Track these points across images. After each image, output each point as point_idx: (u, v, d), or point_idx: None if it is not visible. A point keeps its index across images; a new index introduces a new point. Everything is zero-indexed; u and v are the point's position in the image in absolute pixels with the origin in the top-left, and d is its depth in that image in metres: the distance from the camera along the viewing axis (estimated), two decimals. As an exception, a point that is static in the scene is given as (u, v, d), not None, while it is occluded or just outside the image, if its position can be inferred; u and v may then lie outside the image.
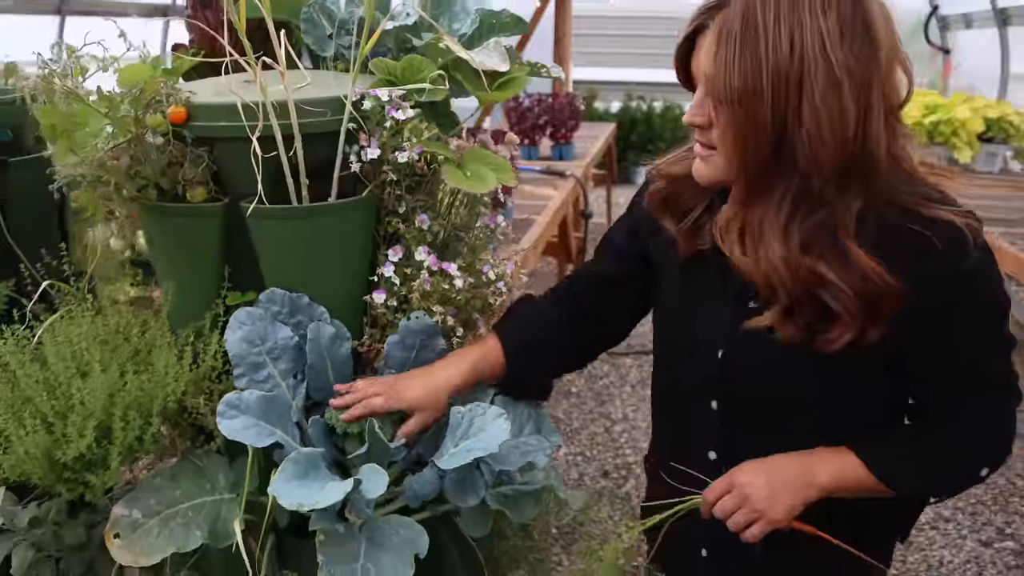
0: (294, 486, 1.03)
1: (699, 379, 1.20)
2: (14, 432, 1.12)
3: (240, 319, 1.19)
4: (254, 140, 1.09)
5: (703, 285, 1.19)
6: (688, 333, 1.22)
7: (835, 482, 1.12)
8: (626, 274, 1.33)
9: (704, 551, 1.28)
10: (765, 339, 1.09)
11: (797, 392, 1.13)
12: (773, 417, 1.16)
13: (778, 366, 1.12)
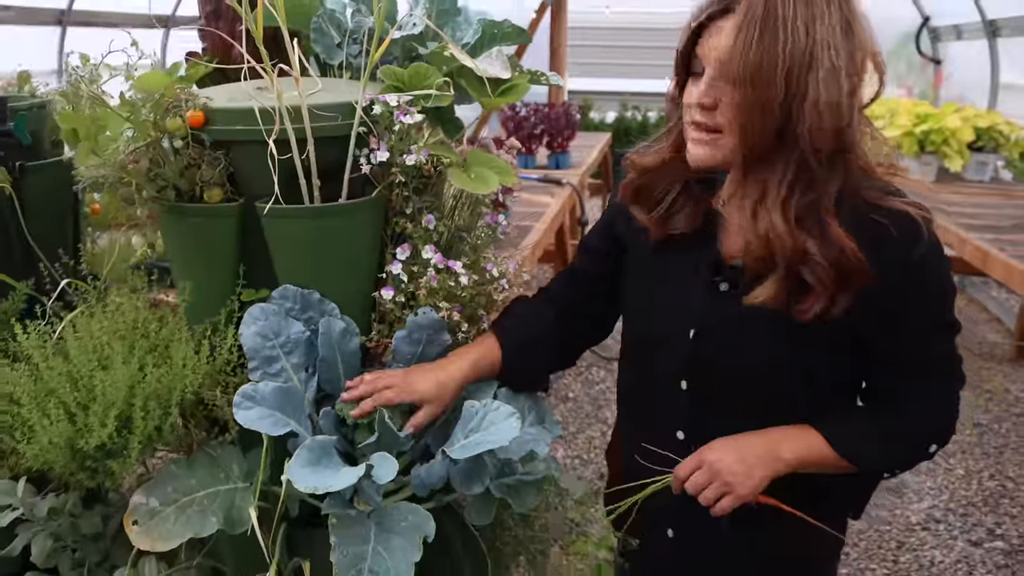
0: (308, 472, 1.08)
1: (670, 360, 1.25)
2: (38, 422, 1.17)
3: (255, 314, 1.24)
4: (270, 143, 1.14)
5: (674, 269, 1.25)
6: (659, 316, 1.27)
7: (799, 458, 1.18)
8: (606, 271, 1.39)
9: (670, 531, 1.33)
10: (736, 319, 1.17)
11: (766, 370, 1.19)
12: (741, 395, 1.22)
13: (748, 345, 1.19)
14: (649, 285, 1.30)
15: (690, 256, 1.23)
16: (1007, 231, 3.59)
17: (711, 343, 1.22)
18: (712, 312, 1.21)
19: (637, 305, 1.33)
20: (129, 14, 6.27)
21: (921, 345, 1.19)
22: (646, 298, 1.30)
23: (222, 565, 1.40)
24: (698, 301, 1.22)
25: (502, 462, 1.34)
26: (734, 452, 1.18)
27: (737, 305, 1.17)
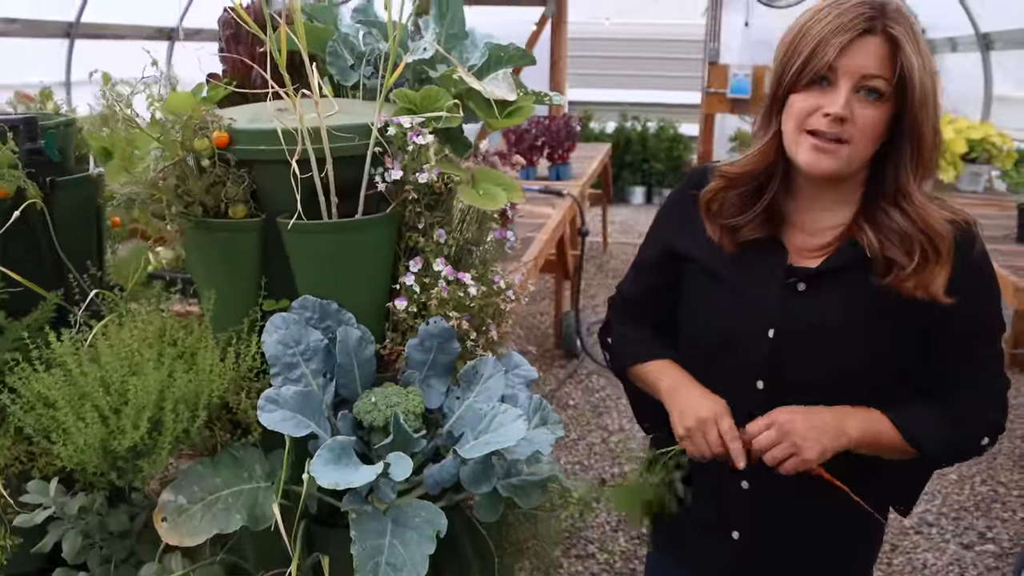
0: (330, 469, 1.16)
1: (747, 360, 1.32)
2: (74, 425, 1.25)
3: (276, 323, 1.32)
4: (293, 163, 1.22)
5: (748, 274, 1.33)
6: (736, 319, 1.34)
7: (864, 435, 1.26)
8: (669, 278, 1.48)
9: (736, 533, 1.40)
10: (814, 316, 1.26)
11: (841, 367, 1.28)
12: (817, 394, 1.29)
13: (827, 340, 1.27)
14: (723, 290, 1.37)
15: (762, 260, 1.32)
16: (999, 241, 3.68)
17: (791, 342, 1.29)
18: (791, 312, 1.29)
19: (710, 310, 1.40)
20: (135, 26, 6.37)
21: (974, 342, 1.30)
22: (720, 303, 1.37)
23: (243, 561, 1.47)
24: (775, 303, 1.30)
25: (508, 463, 1.41)
26: (804, 418, 1.25)
27: (814, 304, 1.27)
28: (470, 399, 1.38)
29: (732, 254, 1.35)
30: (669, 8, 9.15)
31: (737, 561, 1.42)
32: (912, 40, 1.20)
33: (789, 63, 1.25)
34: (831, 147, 1.23)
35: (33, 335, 1.45)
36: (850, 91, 1.21)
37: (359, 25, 1.60)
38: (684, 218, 1.44)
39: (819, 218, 1.34)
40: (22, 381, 1.35)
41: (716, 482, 1.39)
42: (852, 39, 1.20)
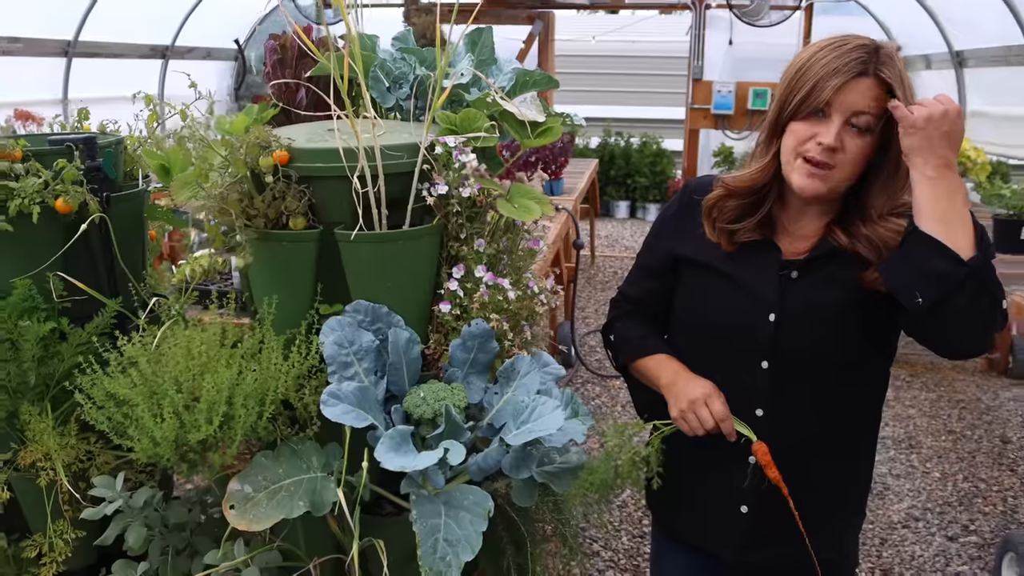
0: (393, 455, 1.28)
1: (752, 344, 1.46)
2: (150, 420, 1.36)
3: (332, 326, 1.44)
4: (353, 179, 1.35)
5: (747, 270, 1.48)
6: (738, 307, 1.48)
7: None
8: (668, 282, 1.62)
9: (744, 507, 1.53)
10: (808, 300, 1.43)
11: (832, 341, 1.44)
12: (813, 363, 1.44)
13: (819, 320, 1.44)
14: (726, 285, 1.51)
15: (759, 258, 1.48)
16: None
17: (789, 324, 1.45)
18: (787, 298, 1.45)
19: (714, 303, 1.53)
20: (131, 45, 6.46)
21: None
22: (725, 295, 1.51)
23: (296, 548, 1.58)
24: (773, 291, 1.45)
25: (541, 452, 1.54)
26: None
27: (807, 289, 1.44)
28: (509, 393, 1.50)
29: (730, 254, 1.50)
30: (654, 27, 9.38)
31: (748, 534, 1.55)
32: (900, 83, 1.34)
33: (790, 96, 1.40)
34: (821, 172, 1.39)
35: (99, 340, 1.56)
36: (842, 124, 1.36)
37: (396, 52, 1.73)
38: (684, 224, 1.58)
39: (804, 225, 1.51)
40: (92, 382, 1.46)
41: (722, 462, 1.51)
42: (847, 80, 1.35)
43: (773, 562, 1.55)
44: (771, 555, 1.54)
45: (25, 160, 1.59)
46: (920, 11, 6.29)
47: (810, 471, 1.49)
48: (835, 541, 1.57)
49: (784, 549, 1.52)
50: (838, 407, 1.49)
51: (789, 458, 1.46)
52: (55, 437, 1.57)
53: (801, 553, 1.50)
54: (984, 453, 4.08)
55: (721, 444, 1.48)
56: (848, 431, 1.52)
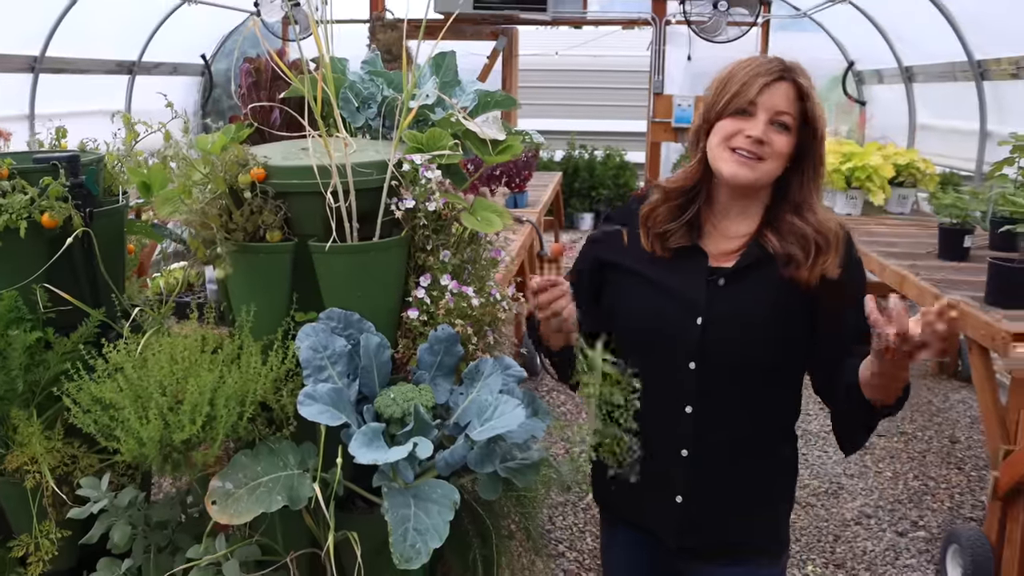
0: (365, 449, 1.38)
1: (681, 346, 1.57)
2: (136, 422, 1.45)
3: (307, 332, 1.54)
4: (327, 194, 1.45)
5: (675, 276, 1.59)
6: (668, 312, 1.59)
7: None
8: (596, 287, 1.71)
9: (679, 498, 1.64)
10: (733, 304, 1.55)
11: (759, 343, 1.55)
12: (738, 367, 1.56)
13: (743, 326, 1.55)
14: (656, 290, 1.61)
15: (688, 264, 1.59)
16: (923, 257, 4.02)
17: (715, 328, 1.56)
18: (714, 303, 1.56)
19: (643, 307, 1.63)
20: (98, 60, 6.49)
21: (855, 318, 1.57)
22: (656, 300, 1.62)
23: (274, 543, 1.67)
24: (701, 297, 1.56)
25: (504, 449, 1.64)
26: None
27: (732, 295, 1.55)
28: (474, 393, 1.61)
29: (658, 261, 1.62)
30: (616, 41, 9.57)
31: (684, 521, 1.66)
32: (813, 91, 1.54)
33: (719, 97, 1.55)
34: (750, 162, 1.53)
35: (84, 348, 1.64)
36: (766, 122, 1.51)
37: (364, 74, 1.83)
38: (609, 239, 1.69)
39: (729, 227, 1.63)
40: (79, 387, 1.54)
41: (658, 457, 1.62)
42: (770, 82, 1.52)
43: (709, 546, 1.67)
44: (706, 540, 1.66)
45: (11, 178, 1.68)
46: (872, 29, 6.52)
47: (740, 465, 1.61)
48: (766, 527, 1.69)
49: (718, 535, 1.64)
50: (766, 406, 1.61)
51: (719, 453, 1.58)
52: (41, 441, 1.64)
53: (734, 538, 1.63)
54: (934, 453, 4.25)
55: (654, 444, 1.59)
56: (775, 427, 1.63)
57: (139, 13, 6.65)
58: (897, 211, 5.30)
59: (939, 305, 1.28)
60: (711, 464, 1.61)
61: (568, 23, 8.47)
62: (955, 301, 1.30)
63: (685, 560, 1.70)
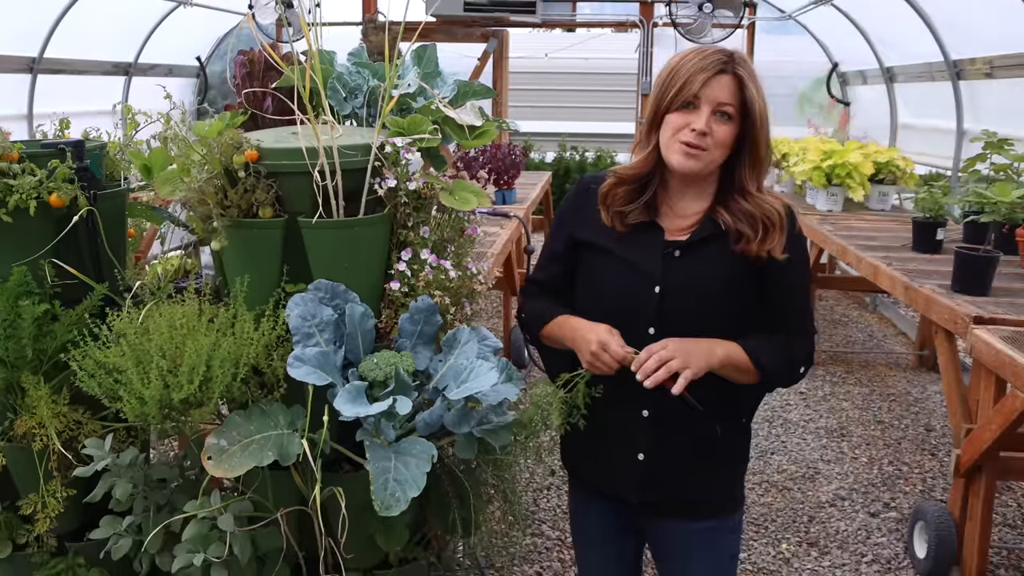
0: (349, 405, 1.50)
1: (639, 313, 1.70)
2: (138, 384, 1.57)
3: (296, 301, 1.66)
4: (315, 173, 1.58)
5: (635, 249, 1.71)
6: (629, 281, 1.72)
7: (727, 358, 1.66)
8: (569, 266, 1.84)
9: (641, 455, 1.76)
10: (688, 275, 1.67)
11: (711, 310, 1.68)
12: (694, 333, 1.67)
13: (698, 293, 1.68)
14: (617, 262, 1.74)
15: (646, 238, 1.72)
16: (896, 250, 4.16)
17: (672, 296, 1.68)
18: (670, 274, 1.69)
19: (608, 278, 1.76)
20: (95, 61, 6.61)
21: (798, 293, 1.76)
22: (616, 271, 1.74)
23: (265, 501, 1.79)
24: (658, 268, 1.68)
25: (481, 413, 1.77)
26: (687, 342, 1.65)
27: (688, 266, 1.68)
28: (452, 360, 1.73)
29: (621, 236, 1.74)
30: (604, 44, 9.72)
31: (645, 477, 1.79)
32: (752, 80, 1.65)
33: (665, 93, 1.68)
34: (696, 152, 1.66)
35: (90, 319, 1.76)
36: (709, 113, 1.63)
37: (352, 65, 1.96)
38: (583, 212, 1.82)
39: (684, 207, 1.77)
40: (84, 354, 1.66)
41: (621, 417, 1.75)
42: (711, 76, 1.63)
43: (669, 502, 1.79)
44: (667, 495, 1.78)
45: (21, 161, 1.80)
46: (855, 31, 6.67)
47: (699, 426, 1.73)
48: (723, 485, 1.82)
49: (677, 491, 1.77)
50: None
51: (678, 414, 1.70)
52: (48, 405, 1.76)
53: (693, 495, 1.75)
54: (909, 440, 4.39)
55: (618, 402, 1.72)
56: (732, 391, 1.75)
57: (135, 15, 6.77)
58: (878, 208, 5.43)
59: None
60: (670, 424, 1.73)
61: (557, 25, 8.62)
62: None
63: (647, 516, 1.83)
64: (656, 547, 1.91)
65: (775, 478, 3.96)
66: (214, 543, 1.68)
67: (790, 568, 3.23)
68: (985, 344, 2.69)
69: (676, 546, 1.85)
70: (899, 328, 6.35)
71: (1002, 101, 5.09)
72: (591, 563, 1.98)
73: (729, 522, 1.83)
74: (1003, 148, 4.27)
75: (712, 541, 1.82)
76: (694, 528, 1.81)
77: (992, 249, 3.27)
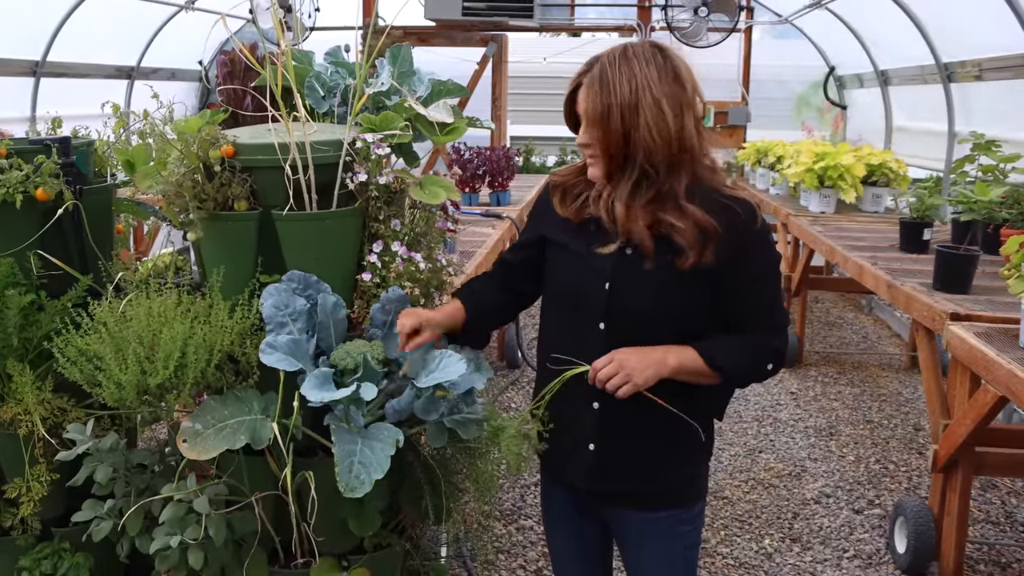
0: (316, 391, 1.56)
1: (591, 308, 1.74)
2: (117, 369, 1.63)
3: (270, 291, 1.72)
4: (287, 167, 1.64)
5: (590, 243, 1.74)
6: (582, 276, 1.75)
7: (680, 364, 1.68)
8: (531, 259, 1.88)
9: (592, 445, 1.81)
10: (637, 273, 1.68)
11: (659, 309, 1.70)
12: (641, 328, 1.70)
13: (646, 291, 1.70)
14: (572, 257, 1.78)
15: (599, 234, 1.74)
16: (884, 250, 4.20)
17: (620, 292, 1.71)
18: (620, 270, 1.71)
19: (564, 273, 1.81)
20: (97, 65, 6.70)
21: (764, 292, 1.74)
22: (571, 266, 1.79)
23: (240, 485, 1.85)
24: (609, 264, 1.72)
25: (451, 403, 1.82)
26: (635, 354, 1.67)
27: (637, 264, 1.69)
28: (421, 350, 1.79)
29: (581, 234, 1.77)
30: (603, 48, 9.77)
31: (594, 468, 1.83)
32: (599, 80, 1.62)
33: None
34: (591, 161, 1.70)
35: (74, 309, 1.83)
36: (585, 125, 1.67)
37: (329, 65, 2.02)
38: (546, 211, 1.87)
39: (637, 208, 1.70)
40: (66, 342, 1.72)
41: (574, 407, 1.79)
42: (574, 90, 1.69)
43: (619, 492, 1.82)
44: (616, 486, 1.81)
45: (8, 157, 1.86)
46: (850, 35, 6.71)
47: (645, 418, 1.75)
48: (676, 478, 1.82)
49: (626, 482, 1.79)
50: None
51: (625, 407, 1.71)
52: (33, 392, 1.83)
53: (643, 486, 1.79)
54: (897, 439, 4.42)
55: (571, 395, 1.76)
56: (693, 391, 1.74)
57: (138, 19, 6.86)
58: (871, 210, 5.46)
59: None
60: (620, 417, 1.76)
61: (555, 30, 8.68)
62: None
63: (599, 504, 1.87)
64: (614, 533, 1.95)
65: (762, 475, 4.00)
66: (191, 526, 1.74)
67: (772, 563, 3.27)
68: (960, 340, 2.74)
69: (629, 534, 1.87)
70: (893, 330, 6.38)
71: (991, 103, 5.13)
72: (556, 545, 2.03)
73: (685, 513, 1.84)
74: (990, 149, 4.32)
75: (665, 531, 1.84)
76: (645, 518, 1.83)
77: (973, 248, 3.31)
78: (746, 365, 1.74)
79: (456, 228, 2.94)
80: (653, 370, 1.66)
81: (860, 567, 3.24)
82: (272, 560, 1.92)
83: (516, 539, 3.41)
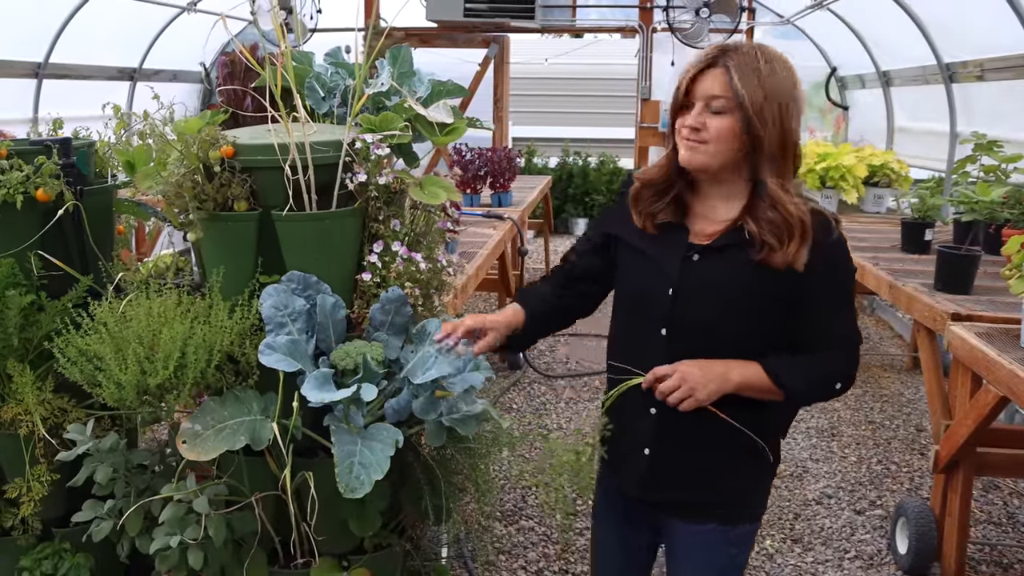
0: (316, 391, 1.56)
1: (655, 313, 1.72)
2: (116, 369, 1.63)
3: (269, 292, 1.72)
4: (286, 168, 1.64)
5: (659, 249, 1.73)
6: (647, 282, 1.74)
7: (744, 381, 1.65)
8: (596, 263, 1.86)
9: (647, 450, 1.79)
10: (703, 280, 1.67)
11: (724, 318, 1.67)
12: (705, 337, 1.68)
13: (711, 300, 1.68)
14: (640, 261, 1.77)
15: (671, 239, 1.73)
16: (886, 250, 4.20)
17: (684, 299, 1.69)
18: (685, 276, 1.70)
19: (632, 275, 1.79)
20: (100, 67, 6.71)
21: (832, 307, 1.68)
22: (640, 270, 1.77)
23: (241, 486, 1.85)
24: (675, 269, 1.71)
25: (450, 402, 1.82)
26: (699, 367, 1.65)
27: (704, 270, 1.68)
28: (421, 351, 1.79)
29: (650, 235, 1.77)
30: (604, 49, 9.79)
31: (647, 475, 1.82)
32: (741, 70, 1.59)
33: (674, 98, 1.71)
34: (694, 145, 1.66)
35: (74, 309, 1.83)
36: (702, 108, 1.65)
37: (329, 66, 2.02)
38: (618, 211, 1.86)
39: (714, 210, 1.74)
40: (67, 343, 1.73)
41: (631, 412, 1.78)
42: (700, 71, 1.65)
43: (670, 500, 1.79)
44: (667, 495, 1.79)
45: (9, 157, 1.87)
46: (852, 35, 6.71)
47: (704, 430, 1.71)
48: (733, 493, 1.79)
49: (677, 490, 1.77)
50: None
51: (683, 415, 1.67)
52: (34, 392, 1.83)
53: (693, 496, 1.76)
54: (899, 440, 4.41)
55: (628, 400, 1.74)
56: (743, 399, 1.68)
57: (140, 21, 6.87)
58: (873, 211, 5.46)
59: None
60: (676, 424, 1.72)
61: (557, 31, 8.68)
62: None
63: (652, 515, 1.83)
64: (665, 544, 1.91)
65: (763, 476, 4.00)
66: (190, 526, 1.74)
67: (773, 563, 3.27)
68: (961, 340, 2.73)
69: (676, 546, 1.85)
70: (895, 331, 6.37)
71: (993, 103, 5.13)
72: (598, 537, 2.01)
73: (731, 532, 1.79)
74: (992, 150, 4.31)
75: (711, 546, 1.80)
76: (694, 530, 1.80)
77: (974, 248, 3.31)
78: (812, 385, 1.70)
79: (457, 229, 2.95)
80: (716, 385, 1.64)
81: (861, 568, 3.24)
82: (272, 560, 1.92)
83: (517, 540, 3.41)
